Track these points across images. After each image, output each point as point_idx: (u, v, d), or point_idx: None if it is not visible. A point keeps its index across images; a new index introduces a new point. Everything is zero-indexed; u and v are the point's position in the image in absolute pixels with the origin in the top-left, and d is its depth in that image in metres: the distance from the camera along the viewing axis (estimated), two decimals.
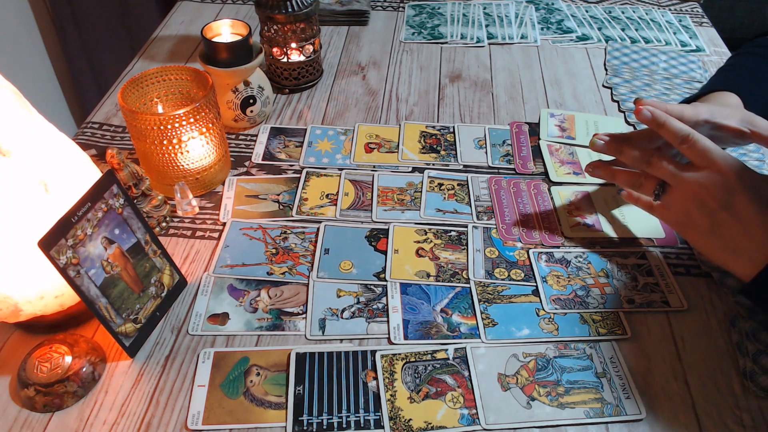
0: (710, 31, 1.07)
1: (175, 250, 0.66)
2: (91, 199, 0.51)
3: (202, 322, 0.59)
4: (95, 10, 1.48)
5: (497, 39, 1.03)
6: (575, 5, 1.13)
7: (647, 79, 0.93)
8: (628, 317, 0.60)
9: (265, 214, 0.71)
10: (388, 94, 0.91)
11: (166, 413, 0.52)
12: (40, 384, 0.51)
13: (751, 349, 0.56)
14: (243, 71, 0.77)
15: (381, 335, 0.58)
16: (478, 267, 0.65)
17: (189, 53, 0.99)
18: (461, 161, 0.78)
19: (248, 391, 0.54)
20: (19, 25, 1.38)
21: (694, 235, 0.58)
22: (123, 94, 0.67)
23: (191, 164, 0.69)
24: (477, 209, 0.71)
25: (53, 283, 0.52)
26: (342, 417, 0.52)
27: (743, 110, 0.64)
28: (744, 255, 0.54)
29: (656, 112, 0.59)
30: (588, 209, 0.72)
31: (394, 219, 0.70)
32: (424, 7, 1.12)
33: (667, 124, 0.58)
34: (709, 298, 0.62)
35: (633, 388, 0.54)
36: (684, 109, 0.61)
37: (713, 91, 0.72)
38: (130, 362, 0.56)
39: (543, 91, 0.92)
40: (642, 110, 0.59)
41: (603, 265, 0.65)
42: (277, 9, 0.82)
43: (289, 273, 0.64)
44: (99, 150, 0.80)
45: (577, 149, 0.80)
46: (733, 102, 0.69)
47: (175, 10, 1.12)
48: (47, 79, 1.50)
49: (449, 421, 0.52)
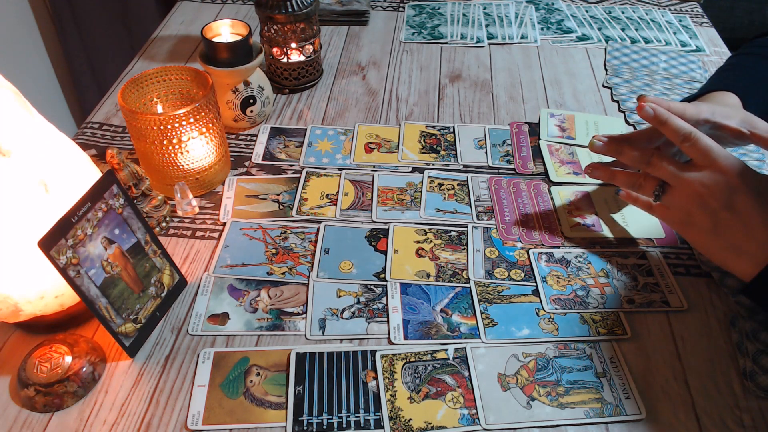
0: (710, 31, 1.07)
1: (175, 250, 0.66)
2: (91, 199, 0.51)
3: (202, 322, 0.59)
4: (95, 10, 1.48)
5: (497, 39, 1.04)
6: (575, 5, 1.13)
7: (647, 79, 0.93)
8: (628, 317, 0.60)
9: (265, 214, 0.71)
10: (388, 94, 0.91)
11: (166, 413, 0.52)
12: (40, 384, 0.51)
13: (751, 349, 0.56)
14: (243, 71, 0.77)
15: (381, 335, 0.58)
16: (478, 267, 0.65)
17: (189, 53, 0.99)
18: (461, 161, 0.78)
19: (248, 391, 0.54)
20: (19, 25, 1.38)
21: (695, 235, 0.58)
22: (123, 94, 0.67)
23: (191, 164, 0.69)
24: (477, 209, 0.71)
25: (53, 283, 0.52)
26: (342, 417, 0.52)
27: (743, 111, 0.65)
28: (746, 254, 0.54)
29: (658, 110, 0.59)
30: (588, 209, 0.72)
31: (394, 219, 0.70)
32: (424, 7, 1.12)
33: (669, 121, 0.58)
34: (709, 298, 0.62)
35: (633, 388, 0.54)
36: (686, 107, 0.61)
37: (713, 90, 0.72)
38: (130, 362, 0.56)
39: (543, 91, 0.92)
40: (644, 107, 0.59)
41: (603, 265, 0.65)
42: (277, 9, 0.82)
43: (289, 273, 0.64)
44: (99, 150, 0.80)
45: (577, 149, 0.80)
46: (732, 102, 0.69)
47: (175, 10, 1.12)
48: (47, 79, 1.50)
49: (449, 421, 0.52)
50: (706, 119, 0.62)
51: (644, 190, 0.61)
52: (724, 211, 0.55)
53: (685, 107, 0.61)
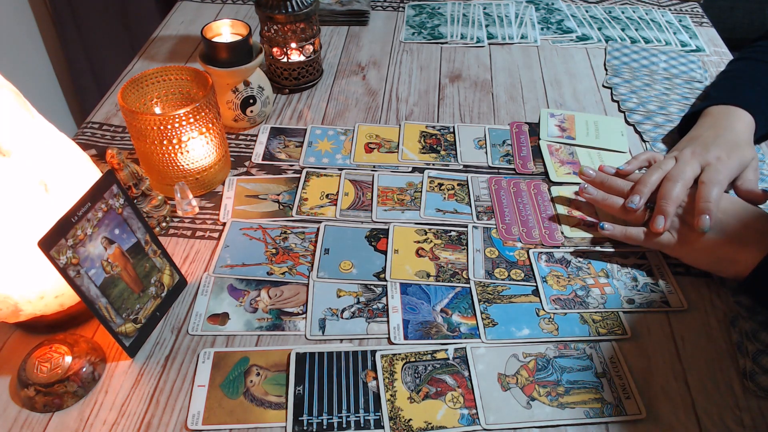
0: (710, 31, 1.07)
1: (175, 250, 0.66)
2: (91, 199, 0.51)
3: (202, 322, 0.59)
4: (95, 10, 1.48)
5: (497, 39, 1.03)
6: (575, 5, 1.13)
7: (647, 79, 0.93)
8: (628, 317, 0.60)
9: (265, 214, 0.71)
10: (388, 94, 0.91)
11: (166, 413, 0.52)
12: (40, 384, 0.51)
13: (751, 349, 0.56)
14: (243, 71, 0.77)
15: (381, 335, 0.58)
16: (478, 267, 0.65)
17: (189, 53, 0.99)
18: (461, 161, 0.78)
19: (248, 391, 0.54)
20: (19, 25, 1.38)
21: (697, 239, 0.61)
22: (123, 94, 0.67)
23: (191, 164, 0.69)
24: (477, 209, 0.71)
25: (53, 283, 0.52)
26: (342, 417, 0.52)
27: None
28: (752, 244, 0.58)
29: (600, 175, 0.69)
30: (588, 209, 0.72)
31: (394, 219, 0.70)
32: (424, 7, 1.12)
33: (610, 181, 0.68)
34: (709, 298, 0.62)
35: (633, 388, 0.54)
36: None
37: (719, 104, 0.72)
38: (130, 362, 0.56)
39: (543, 91, 0.92)
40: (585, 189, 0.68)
41: (603, 265, 0.65)
42: (277, 9, 0.82)
43: (289, 273, 0.64)
44: (99, 150, 0.80)
45: (577, 149, 0.80)
46: (744, 121, 0.69)
47: (175, 10, 1.12)
48: (47, 79, 1.50)
49: (449, 421, 0.52)
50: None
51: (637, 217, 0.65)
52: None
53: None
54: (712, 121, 0.71)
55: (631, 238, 0.64)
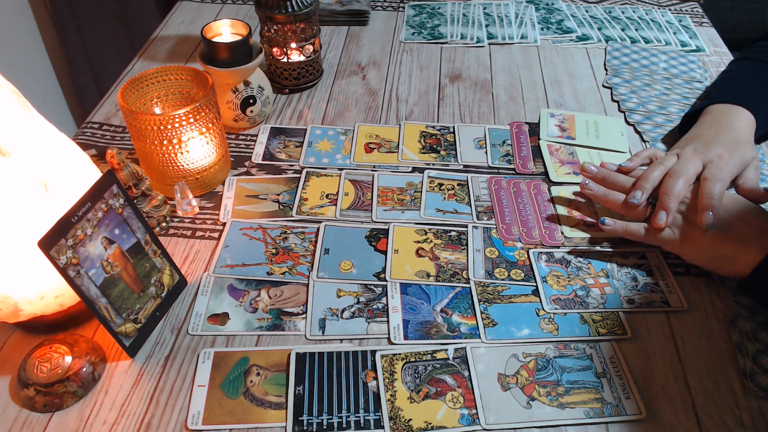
0: (710, 31, 1.07)
1: (175, 250, 0.66)
2: (91, 199, 0.51)
3: (202, 322, 0.59)
4: (95, 10, 1.48)
5: (497, 39, 1.03)
6: (575, 5, 1.13)
7: (647, 79, 0.93)
8: (628, 317, 0.60)
9: (265, 214, 0.71)
10: (388, 94, 0.91)
11: (166, 413, 0.52)
12: (40, 384, 0.51)
13: (751, 349, 0.56)
14: (243, 71, 0.77)
15: (381, 335, 0.58)
16: (478, 267, 0.65)
17: (189, 53, 0.99)
18: (461, 161, 0.78)
19: (248, 391, 0.54)
20: (19, 25, 1.38)
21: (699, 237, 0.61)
22: (123, 94, 0.67)
23: (191, 164, 0.69)
24: (477, 209, 0.71)
25: (53, 283, 0.52)
26: (342, 417, 0.52)
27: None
28: (752, 243, 0.58)
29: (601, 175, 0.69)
30: (588, 209, 0.72)
31: (394, 219, 0.70)
32: (424, 7, 1.12)
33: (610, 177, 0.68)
34: (709, 298, 0.62)
35: (633, 388, 0.54)
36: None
37: (720, 102, 0.72)
38: (130, 362, 0.56)
39: (543, 91, 0.92)
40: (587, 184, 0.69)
41: (603, 265, 0.65)
42: (277, 9, 0.82)
43: (289, 273, 0.64)
44: (99, 150, 0.80)
45: (577, 149, 0.80)
46: (745, 120, 0.69)
47: (175, 10, 1.12)
48: (47, 79, 1.50)
49: (449, 421, 0.52)
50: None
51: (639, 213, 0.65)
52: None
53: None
54: (713, 120, 0.71)
55: (631, 234, 0.64)
